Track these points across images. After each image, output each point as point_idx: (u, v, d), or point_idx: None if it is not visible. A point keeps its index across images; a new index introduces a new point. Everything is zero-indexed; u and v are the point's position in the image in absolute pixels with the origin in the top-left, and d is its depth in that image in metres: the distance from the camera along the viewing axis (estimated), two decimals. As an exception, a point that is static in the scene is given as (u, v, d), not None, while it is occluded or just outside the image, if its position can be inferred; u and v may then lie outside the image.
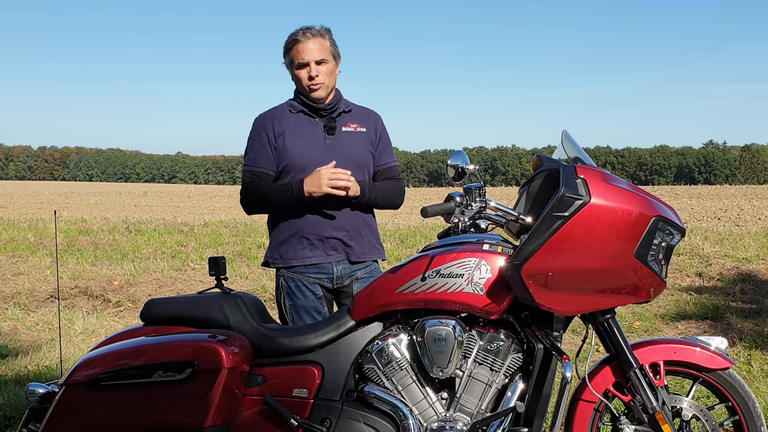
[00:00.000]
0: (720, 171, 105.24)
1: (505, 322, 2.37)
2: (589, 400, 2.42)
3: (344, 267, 2.87)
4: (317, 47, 2.82)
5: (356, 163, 2.85)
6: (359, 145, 2.90)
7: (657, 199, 2.28)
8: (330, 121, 2.88)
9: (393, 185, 2.95)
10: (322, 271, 2.85)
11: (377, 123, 2.99)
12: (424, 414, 2.37)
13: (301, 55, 2.81)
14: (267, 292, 7.28)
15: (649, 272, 2.21)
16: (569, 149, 2.43)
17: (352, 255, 2.87)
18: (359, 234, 2.88)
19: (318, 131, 2.87)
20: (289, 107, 2.91)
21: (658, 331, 5.66)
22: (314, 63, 2.81)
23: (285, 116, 2.89)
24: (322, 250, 2.83)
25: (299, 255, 2.84)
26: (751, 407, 2.36)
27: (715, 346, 2.40)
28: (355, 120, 2.93)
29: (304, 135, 2.86)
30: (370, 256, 2.91)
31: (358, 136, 2.91)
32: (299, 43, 2.81)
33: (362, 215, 2.90)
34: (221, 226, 14.71)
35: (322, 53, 2.83)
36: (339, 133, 2.88)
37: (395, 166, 3.01)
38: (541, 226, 2.18)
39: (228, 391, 2.35)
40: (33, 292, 7.37)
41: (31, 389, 2.49)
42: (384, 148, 2.98)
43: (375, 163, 2.95)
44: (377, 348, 2.41)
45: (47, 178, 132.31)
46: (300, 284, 2.85)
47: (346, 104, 2.95)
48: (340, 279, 2.87)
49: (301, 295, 2.84)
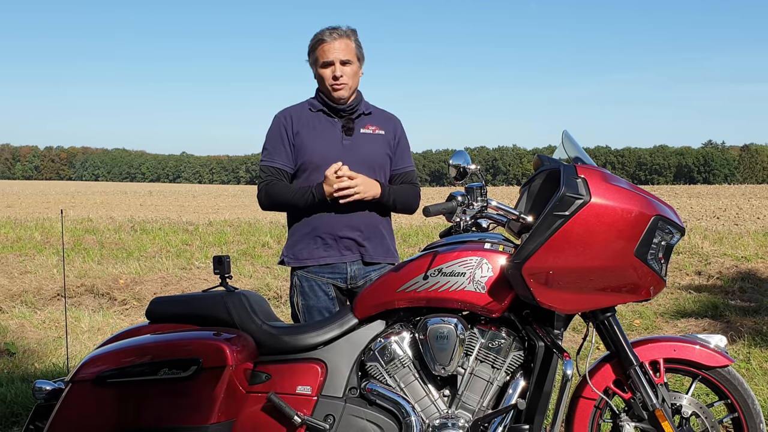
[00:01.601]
0: (719, 171, 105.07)
1: (506, 320, 2.39)
2: (590, 398, 2.44)
3: (358, 267, 2.88)
4: (343, 47, 2.83)
5: (371, 165, 2.86)
6: (376, 148, 2.90)
7: (657, 198, 2.29)
8: (348, 121, 2.89)
9: (410, 189, 2.96)
10: (336, 271, 2.86)
11: (396, 127, 3.00)
12: (426, 411, 2.40)
13: (326, 55, 2.82)
14: (271, 290, 7.31)
15: (649, 271, 2.22)
16: (570, 149, 2.45)
17: (366, 255, 2.87)
18: (373, 235, 2.88)
19: (336, 131, 2.88)
20: (309, 106, 2.92)
21: (657, 329, 5.67)
22: (339, 63, 2.82)
23: (304, 114, 2.90)
24: (337, 249, 2.84)
25: (313, 255, 2.85)
26: (750, 404, 2.37)
27: (715, 343, 2.41)
28: (374, 122, 2.94)
29: (322, 134, 2.87)
30: (384, 258, 2.91)
31: (376, 138, 2.92)
32: (325, 42, 2.82)
33: (378, 217, 2.90)
34: (226, 225, 14.75)
35: (347, 54, 2.84)
36: (357, 134, 2.89)
37: (412, 171, 3.02)
38: (541, 226, 2.20)
39: (232, 389, 2.37)
40: (40, 291, 7.42)
41: (38, 386, 2.51)
42: (402, 152, 2.99)
43: (392, 167, 2.96)
44: (380, 346, 2.43)
45: (54, 177, 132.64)
46: (313, 284, 2.86)
47: (367, 106, 2.96)
48: (354, 279, 2.88)
49: (314, 295, 2.85)
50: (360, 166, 2.79)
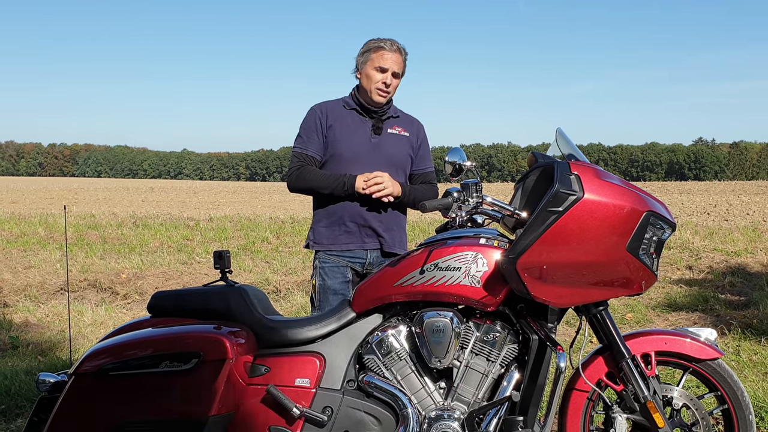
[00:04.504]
0: (709, 167, 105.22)
1: (501, 314, 2.42)
2: (583, 390, 2.47)
3: (377, 255, 3.09)
4: (399, 61, 3.07)
5: (395, 164, 3.10)
6: (401, 148, 3.14)
7: (648, 194, 2.32)
8: (378, 122, 3.12)
9: (429, 189, 3.19)
10: (356, 256, 3.08)
11: (419, 130, 3.24)
12: (422, 403, 2.43)
13: (385, 61, 3.03)
14: (270, 284, 7.36)
15: (640, 265, 2.25)
16: (563, 146, 2.48)
17: (385, 245, 3.08)
18: (392, 228, 3.11)
19: (366, 129, 3.10)
20: (344, 104, 3.14)
21: (649, 323, 5.72)
22: (391, 74, 3.04)
23: (339, 110, 3.12)
24: (359, 237, 3.06)
25: (337, 240, 3.07)
26: (739, 396, 2.41)
27: (705, 337, 2.45)
28: (400, 125, 3.18)
29: (353, 131, 3.09)
30: (400, 250, 3.10)
31: (401, 139, 3.15)
32: (385, 50, 3.04)
33: (397, 213, 3.14)
34: (226, 221, 14.80)
35: (400, 67, 3.09)
36: (384, 134, 3.12)
37: (432, 171, 3.26)
38: (536, 221, 2.23)
39: (232, 381, 2.40)
40: (43, 285, 7.47)
41: (42, 379, 2.54)
42: (424, 154, 3.24)
43: (413, 167, 3.20)
44: (377, 339, 2.47)
45: (57, 174, 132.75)
46: (333, 265, 3.07)
47: (395, 110, 3.20)
48: (371, 265, 3.08)
49: (332, 276, 3.06)
50: (383, 163, 3.04)
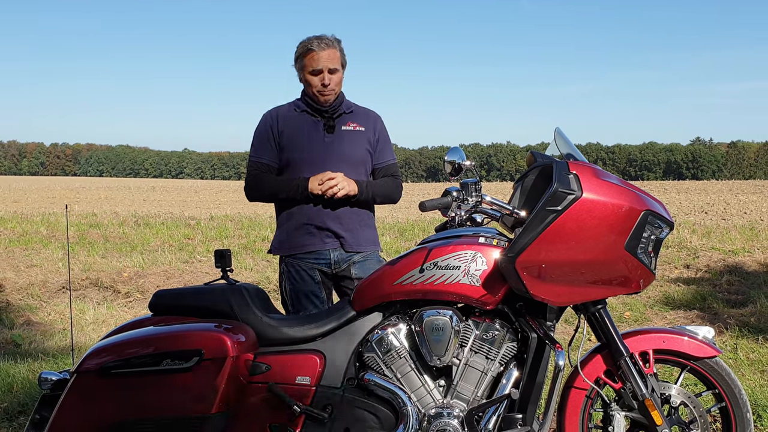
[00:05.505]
0: (707, 167, 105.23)
1: (500, 313, 2.43)
2: (581, 388, 2.49)
3: (340, 253, 3.03)
4: (331, 57, 2.98)
5: (352, 161, 3.01)
6: (356, 144, 3.05)
7: (646, 193, 2.33)
8: (330, 120, 3.04)
9: (390, 182, 3.12)
10: (320, 257, 3.02)
11: (376, 123, 3.14)
12: (422, 401, 2.45)
13: (315, 63, 2.96)
14: (271, 283, 7.36)
15: (639, 264, 2.27)
16: (562, 146, 2.49)
17: (345, 245, 3.02)
18: (354, 227, 3.04)
19: (318, 129, 3.03)
20: (295, 107, 3.08)
21: (647, 321, 5.73)
22: (327, 72, 2.97)
23: (290, 114, 3.07)
24: (319, 238, 3.01)
25: (298, 243, 3.02)
26: (737, 394, 2.42)
27: (703, 335, 2.46)
28: (355, 120, 3.09)
29: (305, 133, 3.03)
30: (365, 247, 3.07)
31: (357, 135, 3.06)
32: (314, 51, 2.96)
33: (358, 211, 3.05)
34: (227, 220, 14.79)
35: (334, 62, 2.99)
36: (338, 132, 3.04)
37: (394, 164, 3.16)
38: (534, 220, 2.24)
39: (233, 379, 2.42)
40: (45, 284, 7.49)
41: (44, 377, 2.56)
42: (383, 147, 3.13)
43: (374, 161, 3.11)
44: (377, 337, 2.48)
45: (59, 173, 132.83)
46: (300, 269, 3.03)
47: (348, 105, 3.11)
48: (337, 264, 3.03)
49: (300, 280, 3.02)
50: (340, 162, 2.96)
